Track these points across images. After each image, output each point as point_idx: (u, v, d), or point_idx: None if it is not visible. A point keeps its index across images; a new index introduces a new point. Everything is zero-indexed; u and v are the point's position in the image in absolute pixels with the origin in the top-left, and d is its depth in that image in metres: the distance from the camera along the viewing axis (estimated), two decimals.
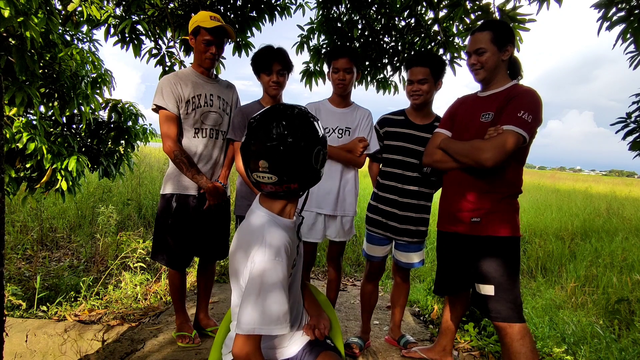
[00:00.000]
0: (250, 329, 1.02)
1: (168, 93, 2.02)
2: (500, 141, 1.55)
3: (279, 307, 1.03)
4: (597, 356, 2.48)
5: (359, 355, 2.18)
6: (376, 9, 3.51)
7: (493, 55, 1.68)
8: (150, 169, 7.62)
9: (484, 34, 1.68)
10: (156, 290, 3.26)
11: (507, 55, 1.70)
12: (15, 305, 2.87)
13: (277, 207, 1.16)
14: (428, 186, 2.08)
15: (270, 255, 1.04)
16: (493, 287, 1.64)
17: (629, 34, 2.05)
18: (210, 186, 2.06)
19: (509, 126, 1.56)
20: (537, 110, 1.60)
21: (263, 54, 2.03)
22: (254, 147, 1.06)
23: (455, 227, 1.78)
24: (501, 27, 1.70)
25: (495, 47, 1.67)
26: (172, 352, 2.12)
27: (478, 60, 1.71)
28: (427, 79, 1.96)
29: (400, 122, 2.09)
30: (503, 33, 1.68)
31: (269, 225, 1.11)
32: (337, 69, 2.03)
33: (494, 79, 1.73)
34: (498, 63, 1.70)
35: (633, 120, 2.48)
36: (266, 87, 2.08)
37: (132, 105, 3.33)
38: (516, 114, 1.57)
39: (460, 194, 1.75)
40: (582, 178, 27.04)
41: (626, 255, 4.78)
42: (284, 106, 1.12)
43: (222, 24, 1.98)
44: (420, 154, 2.01)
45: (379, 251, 2.15)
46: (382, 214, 2.10)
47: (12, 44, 2.30)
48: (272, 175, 1.07)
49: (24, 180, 2.74)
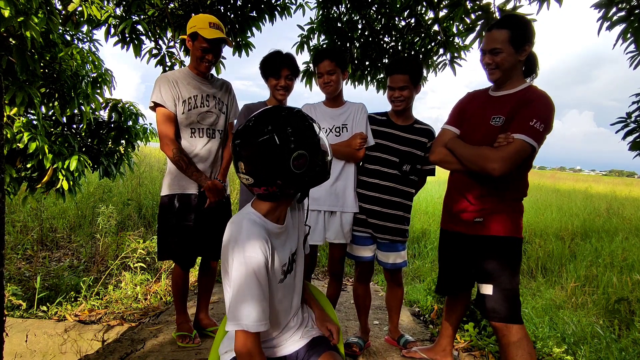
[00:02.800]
0: (237, 324, 1.04)
1: (166, 91, 2.03)
2: (510, 151, 1.50)
3: (251, 306, 1.04)
4: (597, 356, 2.48)
5: (359, 355, 2.18)
6: (376, 9, 3.52)
7: (509, 56, 1.59)
8: (151, 169, 7.62)
9: (502, 33, 1.58)
10: (156, 290, 3.26)
11: (524, 56, 1.61)
12: (15, 305, 2.87)
13: (264, 209, 1.18)
14: (408, 185, 2.10)
15: (245, 252, 1.06)
16: (492, 287, 1.63)
17: (629, 33, 2.05)
18: (209, 183, 2.06)
19: (520, 135, 1.51)
20: (549, 118, 1.54)
21: (272, 59, 2.07)
22: (236, 148, 1.09)
23: (457, 227, 1.78)
24: (521, 25, 1.60)
25: (512, 47, 1.58)
26: (172, 352, 2.12)
27: (493, 60, 1.61)
28: (407, 85, 2.01)
29: (383, 122, 2.14)
30: (522, 32, 1.58)
31: (247, 222, 1.12)
32: (320, 73, 2.08)
33: (508, 79, 1.66)
34: (514, 64, 1.61)
35: (633, 120, 2.47)
36: (273, 91, 2.11)
37: (132, 105, 3.33)
38: (528, 123, 1.51)
39: (464, 195, 1.74)
40: (582, 178, 27.04)
41: (626, 255, 4.78)
42: (273, 109, 1.13)
43: (221, 37, 1.99)
44: (400, 152, 2.05)
45: (364, 251, 2.15)
46: (364, 212, 2.11)
47: (12, 43, 2.30)
48: (249, 176, 1.09)
49: (25, 180, 2.74)
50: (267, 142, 1.04)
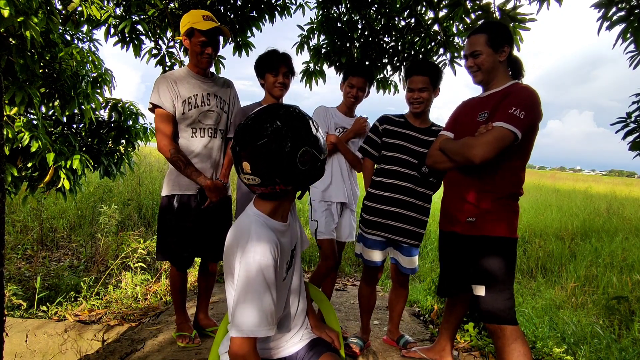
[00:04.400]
0: (239, 330, 1.02)
1: (164, 92, 2.02)
2: (489, 137, 1.55)
3: (262, 310, 1.03)
4: (597, 356, 2.48)
5: (359, 355, 2.18)
6: (376, 9, 3.51)
7: (488, 56, 1.69)
8: (151, 169, 7.62)
9: (479, 37, 1.70)
10: (156, 290, 3.26)
11: (504, 56, 1.70)
12: (15, 305, 2.87)
13: (268, 208, 1.16)
14: (427, 187, 2.08)
15: (255, 257, 1.03)
16: (484, 288, 1.63)
17: (629, 33, 2.04)
18: (209, 183, 2.04)
19: (499, 123, 1.57)
20: (531, 106, 1.59)
21: (270, 56, 2.10)
22: (238, 149, 1.08)
23: (453, 227, 1.79)
24: (496, 28, 1.71)
25: (490, 49, 1.68)
26: (172, 352, 2.12)
27: (474, 62, 1.72)
28: (427, 87, 2.03)
29: (400, 123, 2.15)
30: (498, 34, 1.69)
31: (256, 226, 1.10)
32: (352, 85, 2.23)
33: (492, 80, 1.74)
34: (495, 64, 1.71)
35: (633, 120, 2.47)
36: (271, 87, 2.11)
37: (132, 104, 3.33)
38: (507, 111, 1.57)
39: (459, 194, 1.76)
40: (582, 178, 27.04)
41: (626, 255, 4.78)
42: (271, 107, 1.12)
43: (217, 25, 1.98)
44: (418, 154, 2.04)
45: (377, 256, 2.13)
46: (380, 213, 2.09)
47: (12, 43, 2.29)
48: (255, 177, 1.07)
49: (25, 179, 2.74)
50: (272, 141, 1.03)
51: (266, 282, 1.04)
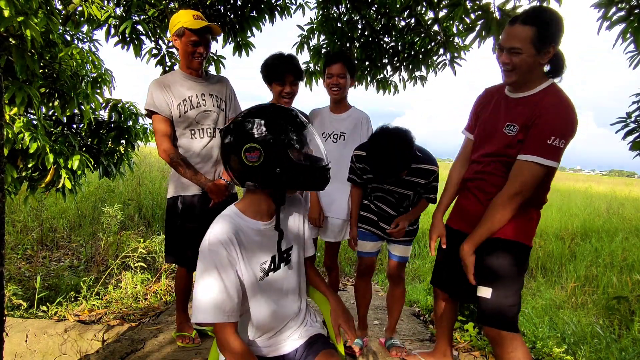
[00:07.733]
0: (194, 317, 1.06)
1: (158, 96, 2.00)
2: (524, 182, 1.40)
3: (208, 296, 1.05)
4: (597, 356, 2.48)
5: (359, 354, 2.18)
6: (376, 9, 3.52)
7: (529, 57, 1.39)
8: (151, 169, 7.62)
9: (524, 29, 1.36)
10: (156, 290, 3.26)
11: (546, 59, 1.41)
12: (15, 305, 2.88)
13: (242, 205, 1.20)
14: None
15: (206, 246, 1.09)
16: (491, 290, 1.54)
17: (628, 33, 2.04)
18: (210, 185, 2.04)
19: (535, 158, 1.37)
20: (572, 129, 1.37)
21: (275, 64, 2.04)
22: None
23: (467, 227, 1.67)
24: (548, 22, 1.38)
25: (533, 49, 1.37)
26: (172, 352, 2.12)
27: (511, 60, 1.42)
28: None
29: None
30: (549, 30, 1.37)
31: (218, 218, 1.16)
32: (331, 74, 2.12)
33: (526, 82, 1.47)
34: (534, 66, 1.42)
35: (633, 120, 2.48)
36: (278, 97, 2.08)
37: (132, 105, 3.33)
38: (545, 141, 1.34)
39: (479, 196, 1.65)
40: (582, 178, 27.04)
41: (626, 255, 4.78)
42: (251, 107, 1.16)
43: (208, 24, 1.96)
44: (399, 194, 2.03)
45: (369, 247, 2.13)
46: (374, 213, 2.10)
47: (12, 43, 2.29)
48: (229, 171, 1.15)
49: (25, 179, 2.74)
50: (225, 135, 1.12)
51: (217, 271, 1.06)
